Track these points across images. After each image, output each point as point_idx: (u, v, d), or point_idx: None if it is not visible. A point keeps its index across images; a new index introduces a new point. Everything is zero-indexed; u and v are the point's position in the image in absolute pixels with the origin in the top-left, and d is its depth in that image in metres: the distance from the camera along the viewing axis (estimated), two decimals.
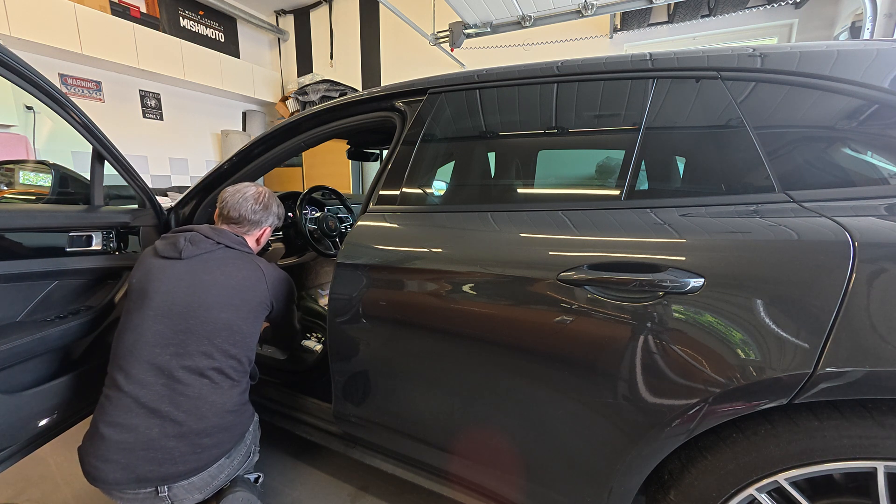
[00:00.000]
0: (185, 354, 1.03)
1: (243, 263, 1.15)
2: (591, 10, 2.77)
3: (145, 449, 0.97)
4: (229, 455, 1.08)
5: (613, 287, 0.78)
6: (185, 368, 1.02)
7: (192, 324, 1.04)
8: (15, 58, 1.00)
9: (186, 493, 1.02)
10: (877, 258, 0.62)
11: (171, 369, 1.01)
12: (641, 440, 0.77)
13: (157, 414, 0.99)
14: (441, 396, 1.04)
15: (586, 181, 1.13)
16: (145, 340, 1.03)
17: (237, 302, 1.10)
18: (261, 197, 1.26)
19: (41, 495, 1.38)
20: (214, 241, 1.15)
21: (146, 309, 1.05)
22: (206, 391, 1.03)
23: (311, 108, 1.46)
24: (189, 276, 1.08)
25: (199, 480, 1.02)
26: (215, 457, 1.04)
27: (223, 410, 1.05)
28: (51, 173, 1.50)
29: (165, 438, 0.98)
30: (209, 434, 1.02)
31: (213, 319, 1.06)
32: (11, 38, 3.22)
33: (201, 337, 1.04)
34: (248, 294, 1.12)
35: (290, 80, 5.65)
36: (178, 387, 1.01)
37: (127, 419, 0.98)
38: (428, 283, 0.99)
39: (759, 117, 0.81)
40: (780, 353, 0.65)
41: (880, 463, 0.63)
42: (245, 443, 1.14)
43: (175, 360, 1.02)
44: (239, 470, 1.13)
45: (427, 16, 3.97)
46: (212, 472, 1.04)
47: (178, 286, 1.07)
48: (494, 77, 1.10)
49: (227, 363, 1.07)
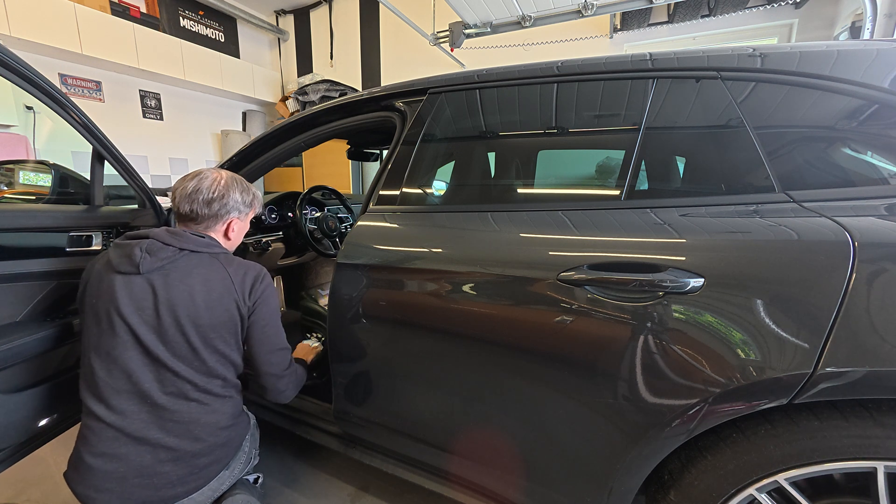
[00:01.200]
0: (165, 381, 0.95)
1: (208, 271, 1.00)
2: (591, 10, 2.77)
3: (139, 476, 0.91)
4: (228, 467, 1.05)
5: (613, 287, 0.78)
6: (169, 394, 0.95)
7: (167, 349, 0.94)
8: (15, 58, 1.00)
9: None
10: (877, 258, 0.62)
11: (153, 397, 0.93)
12: (641, 440, 0.77)
13: (145, 442, 0.92)
14: (441, 396, 1.04)
15: (586, 181, 1.13)
16: (120, 370, 0.93)
17: (207, 319, 0.96)
18: (215, 185, 1.05)
19: (41, 495, 1.38)
20: (175, 247, 0.98)
21: (115, 335, 0.93)
22: (196, 414, 0.96)
23: (311, 108, 1.46)
24: (152, 296, 0.94)
25: (201, 496, 0.99)
26: (215, 473, 1.01)
27: (217, 428, 0.99)
28: (51, 173, 1.50)
29: (160, 464, 0.92)
30: (206, 454, 0.98)
31: (187, 342, 0.95)
32: (11, 38, 3.22)
33: (178, 361, 0.95)
34: (217, 307, 0.98)
35: (290, 80, 5.65)
36: (164, 413, 0.94)
37: (114, 449, 0.91)
38: (428, 283, 0.99)
39: (759, 117, 0.81)
40: (780, 353, 0.65)
41: (880, 463, 0.63)
42: (244, 450, 1.11)
43: (156, 387, 0.94)
44: (240, 475, 1.12)
45: (427, 16, 3.96)
46: (213, 486, 1.02)
47: (144, 307, 0.94)
48: (494, 77, 1.10)
49: (211, 383, 0.99)
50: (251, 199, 1.14)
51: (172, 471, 0.93)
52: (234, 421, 1.05)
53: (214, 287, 0.99)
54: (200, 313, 0.96)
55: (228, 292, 1.00)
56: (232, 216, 1.09)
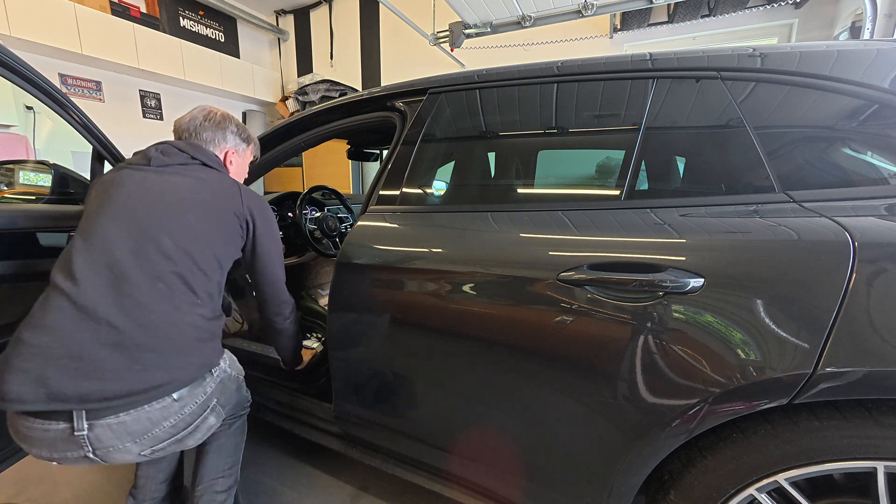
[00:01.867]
0: (143, 255, 0.84)
1: (217, 179, 1.01)
2: (591, 10, 2.77)
3: (67, 357, 0.75)
4: (177, 397, 0.84)
5: (613, 287, 0.78)
6: (141, 269, 0.83)
7: (155, 222, 0.88)
8: (15, 58, 1.00)
9: (114, 439, 0.77)
10: (877, 258, 0.62)
11: (123, 268, 0.82)
12: (641, 440, 0.77)
13: (92, 314, 0.78)
14: (441, 396, 1.04)
15: (586, 181, 1.13)
16: (99, 239, 0.85)
17: (208, 206, 0.95)
18: (211, 115, 1.09)
19: (41, 495, 1.38)
20: (189, 154, 0.99)
21: (103, 211, 0.88)
22: (158, 297, 0.83)
23: (311, 108, 1.46)
24: (158, 184, 0.93)
25: (133, 422, 0.78)
26: (157, 383, 0.80)
27: (177, 324, 0.84)
28: (51, 173, 1.51)
29: (97, 346, 0.76)
30: (155, 349, 0.80)
31: (179, 221, 0.90)
32: (11, 38, 3.22)
33: (164, 237, 0.87)
34: (220, 199, 0.97)
35: (290, 80, 5.65)
36: (125, 287, 0.81)
37: (54, 320, 0.77)
38: (428, 284, 0.99)
39: (759, 117, 0.81)
40: (780, 353, 0.65)
41: (880, 463, 0.63)
42: (204, 388, 0.90)
43: (130, 259, 0.84)
44: (190, 430, 0.88)
45: (427, 16, 3.96)
46: (152, 415, 0.79)
47: (145, 189, 0.91)
48: (494, 77, 1.10)
49: (190, 270, 0.89)
50: (247, 136, 1.17)
51: (108, 357, 0.77)
52: (201, 334, 0.90)
53: (220, 193, 0.99)
54: (202, 208, 0.94)
55: (232, 200, 0.99)
56: (229, 146, 1.11)
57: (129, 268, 0.83)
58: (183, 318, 0.86)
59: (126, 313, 0.80)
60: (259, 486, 1.42)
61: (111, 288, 0.81)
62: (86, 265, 0.82)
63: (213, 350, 0.95)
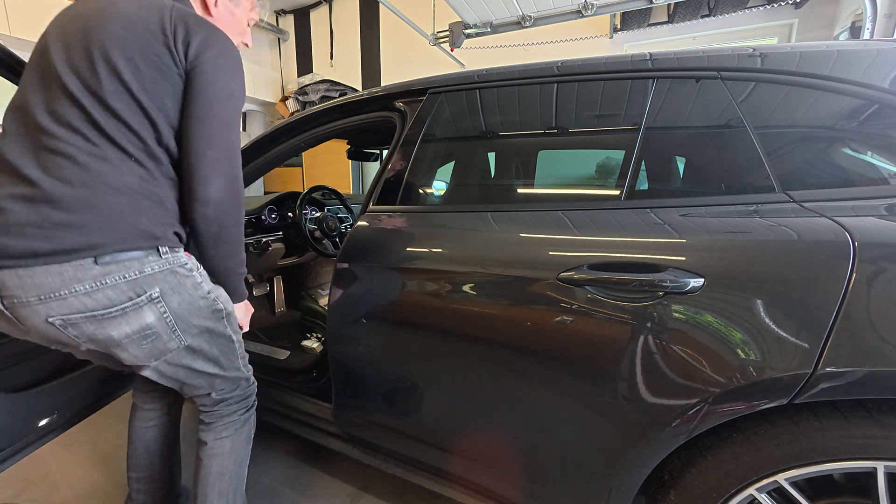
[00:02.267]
0: (53, 98, 0.74)
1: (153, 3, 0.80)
2: (591, 10, 2.76)
3: None
4: (101, 261, 0.72)
5: (613, 287, 0.78)
6: (52, 115, 0.73)
7: (71, 55, 0.75)
8: (15, 58, 1.00)
9: (19, 288, 0.69)
10: (877, 258, 0.62)
11: (35, 115, 0.74)
12: (641, 440, 0.77)
13: (9, 168, 0.72)
14: (441, 396, 1.04)
15: (586, 181, 1.13)
16: (21, 89, 0.77)
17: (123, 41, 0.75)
18: None
19: (41, 495, 1.38)
20: None
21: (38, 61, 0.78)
22: (78, 151, 0.73)
23: (311, 108, 1.46)
24: (86, 13, 0.78)
25: (44, 273, 0.69)
26: (72, 245, 0.70)
27: (99, 182, 0.73)
28: None
29: (9, 199, 0.70)
30: (70, 209, 0.71)
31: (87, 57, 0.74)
32: (11, 38, 3.22)
33: (72, 76, 0.74)
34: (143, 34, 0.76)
35: (290, 80, 5.65)
36: (42, 138, 0.73)
37: None
38: (428, 284, 0.99)
39: (759, 117, 0.81)
40: (780, 353, 0.65)
41: (880, 463, 0.63)
42: (141, 265, 0.75)
43: (42, 105, 0.74)
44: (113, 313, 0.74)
45: (427, 16, 3.96)
46: (66, 273, 0.70)
47: (72, 24, 0.77)
48: (494, 77, 1.10)
49: (108, 121, 0.75)
50: None
51: (17, 211, 0.70)
52: (129, 192, 0.75)
53: (145, 14, 0.77)
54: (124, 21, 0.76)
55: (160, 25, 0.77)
56: None
57: (41, 115, 0.74)
58: (106, 175, 0.74)
59: (42, 167, 0.72)
60: (259, 486, 1.42)
61: (29, 140, 0.74)
62: (10, 116, 0.76)
63: (156, 220, 0.78)
